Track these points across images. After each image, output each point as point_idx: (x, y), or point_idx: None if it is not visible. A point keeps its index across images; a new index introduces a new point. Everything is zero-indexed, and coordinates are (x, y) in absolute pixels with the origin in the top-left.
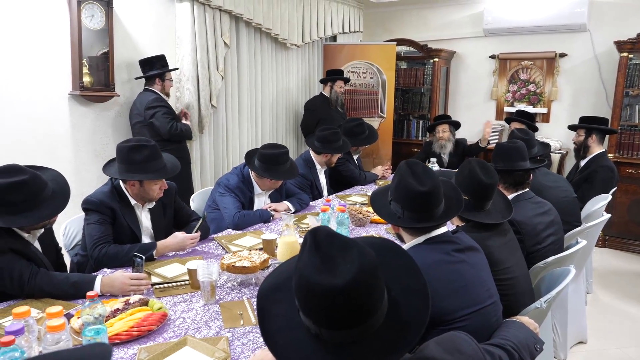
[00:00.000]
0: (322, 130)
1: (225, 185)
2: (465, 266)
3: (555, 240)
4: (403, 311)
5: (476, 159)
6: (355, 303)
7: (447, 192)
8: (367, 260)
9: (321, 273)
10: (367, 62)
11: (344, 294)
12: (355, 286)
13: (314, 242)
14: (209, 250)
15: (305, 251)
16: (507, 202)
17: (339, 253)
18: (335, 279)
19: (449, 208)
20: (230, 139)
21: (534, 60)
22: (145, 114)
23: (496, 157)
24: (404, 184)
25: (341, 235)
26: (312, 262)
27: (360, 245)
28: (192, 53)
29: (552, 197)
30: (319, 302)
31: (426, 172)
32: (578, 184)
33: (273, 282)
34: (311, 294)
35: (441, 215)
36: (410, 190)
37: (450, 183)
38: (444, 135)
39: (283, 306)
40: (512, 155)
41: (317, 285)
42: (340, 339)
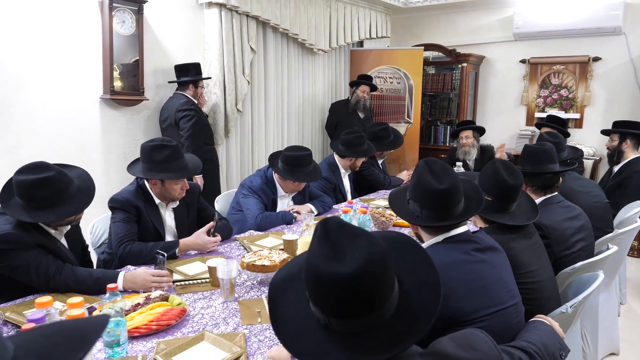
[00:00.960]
0: (347, 134)
1: (248, 187)
2: (485, 266)
3: (584, 246)
4: (414, 303)
5: (501, 160)
6: (363, 292)
7: (467, 190)
8: (376, 250)
9: (329, 261)
10: (394, 67)
11: (352, 282)
12: (363, 274)
13: (324, 231)
14: (230, 250)
15: (315, 240)
16: (533, 205)
17: (348, 242)
18: (343, 267)
19: (468, 207)
20: (256, 142)
21: (566, 65)
22: (176, 116)
23: (524, 159)
24: (422, 182)
25: (352, 225)
26: (321, 250)
27: (371, 235)
28: (219, 58)
29: (583, 202)
30: (327, 291)
31: (445, 170)
32: (611, 190)
33: (285, 273)
34: (319, 282)
35: (460, 213)
36: (429, 189)
37: (470, 182)
38: (467, 141)
39: (294, 296)
40: (540, 158)
41: (325, 273)
42: (349, 329)
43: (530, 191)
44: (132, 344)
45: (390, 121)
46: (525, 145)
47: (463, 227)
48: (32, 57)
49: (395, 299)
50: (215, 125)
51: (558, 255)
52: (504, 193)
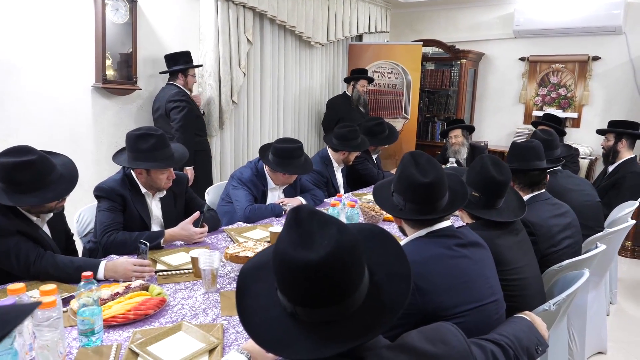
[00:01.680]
0: (341, 127)
1: (238, 179)
2: (467, 262)
3: (571, 243)
4: (384, 295)
5: (489, 155)
6: (330, 280)
7: (452, 184)
8: (346, 238)
9: (297, 248)
10: (392, 62)
11: (320, 269)
12: (331, 262)
13: (295, 218)
14: (217, 241)
15: (285, 228)
16: (521, 201)
17: (318, 229)
18: (311, 253)
19: (453, 201)
20: (251, 135)
21: (565, 63)
22: (167, 107)
23: (511, 157)
24: (406, 175)
25: (324, 213)
26: (290, 237)
27: (342, 224)
28: (214, 49)
29: (574, 201)
30: (293, 278)
31: (430, 163)
32: (605, 189)
33: (256, 261)
34: (287, 269)
35: (444, 208)
36: (413, 182)
37: (456, 176)
38: (457, 140)
39: (263, 285)
40: (527, 155)
41: (292, 259)
42: (316, 318)
43: (517, 188)
44: (108, 333)
45: (387, 116)
46: (512, 142)
47: (446, 222)
48: (24, 44)
49: (364, 290)
50: (210, 117)
51: (544, 253)
52: (492, 189)
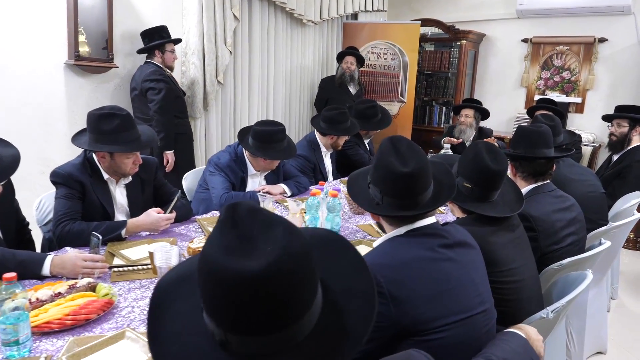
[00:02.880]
0: (329, 110)
1: (215, 164)
2: (452, 265)
3: (575, 240)
4: (342, 317)
5: (484, 142)
6: (273, 298)
7: (438, 175)
8: (294, 243)
9: (232, 255)
10: (388, 42)
11: (259, 283)
12: (276, 273)
13: (230, 217)
14: (187, 232)
15: (216, 229)
16: (518, 194)
17: (261, 232)
18: (249, 262)
19: (437, 195)
20: (238, 117)
21: (570, 45)
22: (142, 86)
23: (516, 142)
24: (384, 164)
25: (267, 211)
26: (224, 241)
27: (290, 224)
28: (198, 25)
29: (576, 192)
30: (224, 295)
31: (412, 150)
32: (609, 179)
33: (178, 273)
34: (216, 283)
35: (427, 202)
36: (391, 171)
37: (442, 165)
38: (466, 120)
39: (184, 304)
40: (535, 141)
41: (224, 270)
42: (253, 349)
43: (519, 178)
44: (40, 341)
45: (383, 99)
46: (519, 126)
47: (430, 219)
48: None
49: (317, 311)
50: (194, 98)
51: (545, 250)
52: (485, 180)
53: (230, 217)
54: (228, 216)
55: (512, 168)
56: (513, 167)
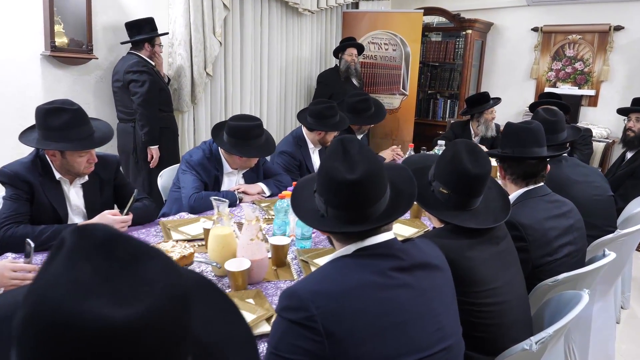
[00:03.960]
0: (316, 104)
1: (186, 162)
2: (407, 293)
3: (573, 251)
4: None
5: (465, 141)
6: None
7: (398, 183)
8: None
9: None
10: (389, 32)
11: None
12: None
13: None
14: (146, 236)
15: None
16: (506, 200)
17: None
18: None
19: (394, 206)
20: (229, 111)
21: (583, 34)
22: (125, 78)
23: (504, 141)
24: (328, 169)
25: (139, 241)
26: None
27: (169, 263)
28: (184, 14)
29: (580, 195)
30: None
31: (362, 152)
32: (621, 178)
33: None
34: None
35: (380, 216)
36: (334, 179)
37: (404, 171)
38: (492, 116)
39: None
40: (524, 139)
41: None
42: None
43: (509, 181)
44: None
45: (384, 92)
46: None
47: (385, 235)
48: None
49: None
50: (181, 90)
51: (537, 263)
52: (464, 185)
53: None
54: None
55: (500, 170)
56: (502, 169)
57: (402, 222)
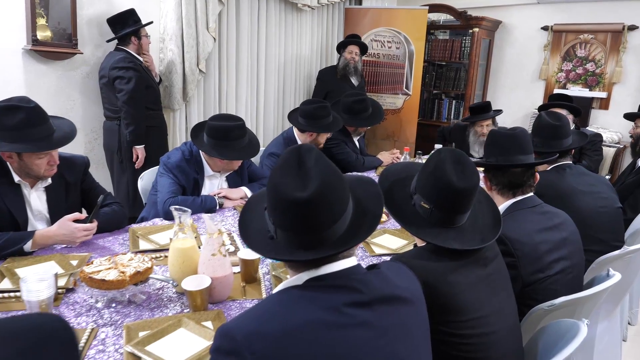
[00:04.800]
0: (307, 103)
1: (164, 164)
2: (364, 333)
3: (567, 267)
4: None
5: (450, 150)
6: None
7: (362, 199)
8: None
9: None
10: (393, 29)
11: None
12: None
13: None
14: (111, 245)
15: None
16: (496, 217)
17: None
18: None
19: (356, 228)
20: (223, 109)
21: (595, 34)
22: (110, 74)
23: (487, 149)
24: (275, 184)
25: None
26: None
27: None
28: (176, 8)
29: (585, 206)
30: None
31: (320, 165)
32: (631, 187)
33: None
34: None
35: (338, 240)
36: (283, 196)
37: (371, 186)
38: (487, 130)
39: None
40: (507, 147)
41: None
42: None
43: (495, 192)
44: None
45: (386, 92)
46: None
47: (346, 262)
48: None
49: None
50: (171, 88)
51: (528, 280)
52: (448, 199)
53: None
54: None
55: (485, 181)
56: (487, 179)
57: (391, 232)
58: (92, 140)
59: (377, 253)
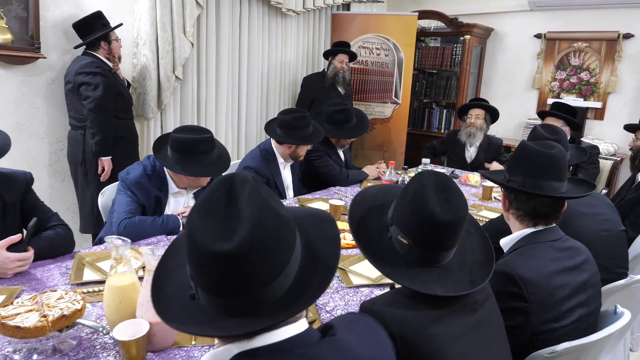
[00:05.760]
0: (286, 113)
1: (122, 180)
2: None
3: (584, 315)
4: None
5: (434, 173)
6: None
7: (314, 244)
8: None
9: None
10: (382, 36)
11: None
12: None
13: None
14: (50, 275)
15: None
16: (487, 251)
17: None
18: None
19: (303, 286)
20: (202, 118)
21: (589, 42)
22: (75, 80)
23: (515, 165)
24: (192, 231)
25: None
26: None
27: None
28: (150, 11)
29: (586, 230)
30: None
31: (254, 202)
32: (631, 204)
33: None
34: None
35: (278, 303)
36: (200, 248)
37: (328, 224)
38: (477, 121)
39: None
40: (540, 169)
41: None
42: None
43: (513, 216)
44: None
45: (375, 100)
46: (521, 142)
47: (290, 328)
48: None
49: None
50: (145, 95)
51: (539, 329)
52: (429, 234)
53: None
54: None
55: (504, 200)
56: (506, 199)
57: None
58: (58, 150)
59: (354, 284)
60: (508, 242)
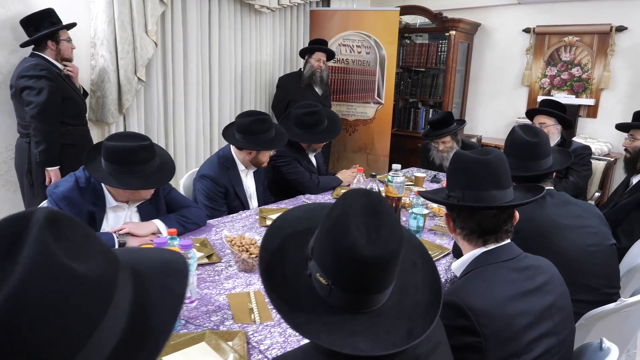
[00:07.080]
0: (244, 116)
1: (49, 195)
2: None
3: (553, 346)
4: None
5: (367, 192)
6: None
7: (146, 313)
8: None
9: None
10: (362, 32)
11: None
12: None
13: None
14: None
15: None
16: (436, 289)
17: None
18: None
19: None
20: (170, 122)
21: (581, 36)
22: (17, 84)
23: (451, 179)
24: None
25: None
26: None
27: None
28: (107, 9)
29: (571, 245)
30: None
31: (29, 259)
32: (625, 209)
33: None
34: None
35: None
36: None
37: (175, 284)
38: (445, 147)
39: None
40: (477, 179)
41: None
42: None
43: (460, 238)
44: None
45: (356, 101)
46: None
47: None
48: None
49: None
50: (104, 98)
51: None
52: (354, 274)
53: None
54: None
55: (447, 221)
56: (449, 219)
57: None
58: (8, 159)
59: None
60: (459, 266)
